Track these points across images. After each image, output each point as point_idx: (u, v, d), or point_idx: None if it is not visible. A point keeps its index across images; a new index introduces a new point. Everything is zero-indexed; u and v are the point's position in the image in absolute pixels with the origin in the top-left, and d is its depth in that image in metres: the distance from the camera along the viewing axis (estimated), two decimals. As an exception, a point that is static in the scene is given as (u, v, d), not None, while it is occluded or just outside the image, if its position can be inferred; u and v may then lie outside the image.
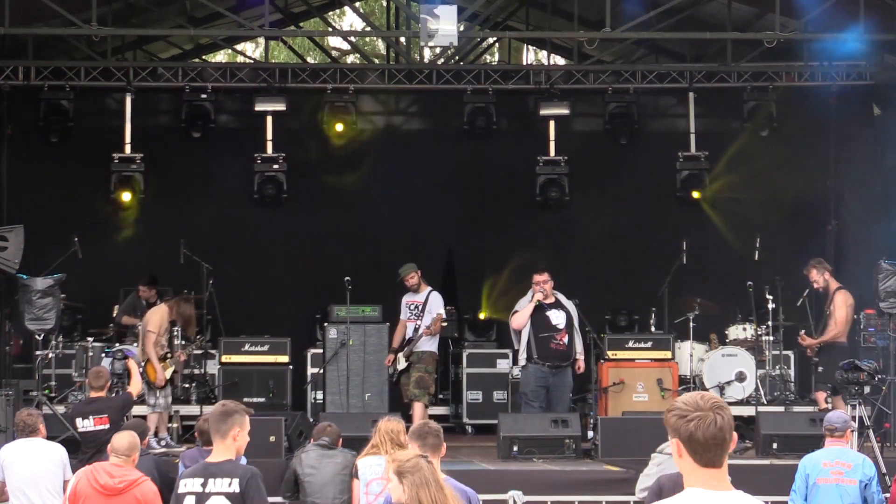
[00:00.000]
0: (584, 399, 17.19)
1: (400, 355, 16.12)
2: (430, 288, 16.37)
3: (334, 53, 27.44)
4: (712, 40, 18.98)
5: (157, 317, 15.99)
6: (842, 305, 15.99)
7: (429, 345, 16.11)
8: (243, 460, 10.97)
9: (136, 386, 13.80)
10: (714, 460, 4.18)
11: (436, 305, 16.19)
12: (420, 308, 16.16)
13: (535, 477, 13.26)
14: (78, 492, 8.42)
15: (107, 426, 12.49)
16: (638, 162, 19.94)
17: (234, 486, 6.80)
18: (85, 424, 12.55)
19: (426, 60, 19.85)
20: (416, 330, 16.08)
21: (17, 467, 10.22)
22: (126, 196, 18.75)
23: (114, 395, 13.75)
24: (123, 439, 8.83)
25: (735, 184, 19.73)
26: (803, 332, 16.61)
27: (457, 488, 7.22)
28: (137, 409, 15.74)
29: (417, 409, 15.70)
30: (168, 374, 15.82)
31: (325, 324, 16.93)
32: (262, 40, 24.68)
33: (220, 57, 25.06)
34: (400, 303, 16.52)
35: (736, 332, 18.24)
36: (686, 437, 4.16)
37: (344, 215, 20.01)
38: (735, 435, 4.27)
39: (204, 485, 6.83)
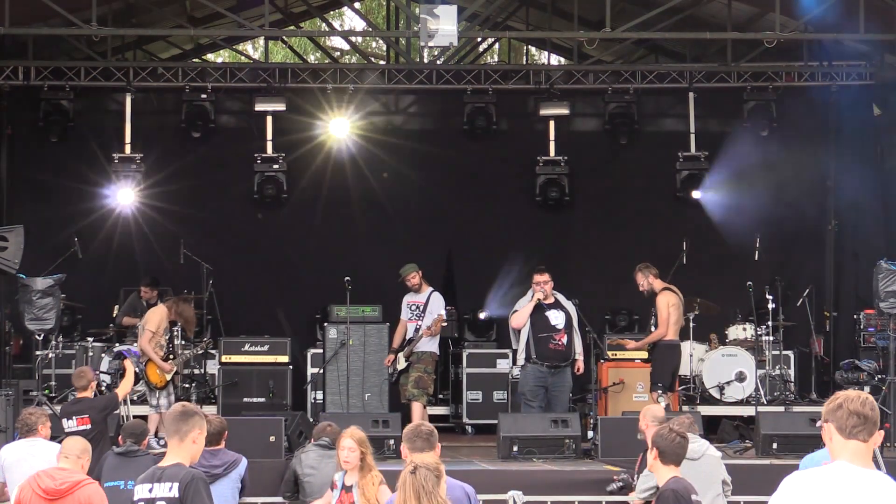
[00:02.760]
0: (584, 399, 17.19)
1: (400, 355, 16.12)
2: (431, 288, 16.37)
3: (334, 53, 27.44)
4: (712, 40, 18.99)
5: (157, 316, 15.98)
6: (664, 307, 15.89)
7: (429, 345, 16.11)
8: (244, 461, 11.01)
9: (124, 387, 13.76)
10: (858, 434, 4.78)
11: (437, 306, 16.19)
12: (421, 308, 16.17)
13: (535, 477, 13.25)
14: (21, 499, 8.25)
15: (88, 426, 12.47)
16: (638, 162, 19.94)
17: (174, 491, 6.57)
18: (69, 425, 12.55)
19: (426, 60, 19.85)
20: (416, 330, 16.08)
21: (18, 467, 10.21)
22: (126, 196, 18.75)
23: (100, 395, 13.75)
24: (76, 443, 8.64)
25: (735, 184, 19.72)
26: (626, 338, 16.58)
27: (454, 485, 7.22)
28: (138, 410, 15.78)
29: (416, 409, 15.69)
30: (169, 375, 15.81)
31: (325, 324, 16.93)
32: (261, 40, 24.68)
33: (221, 57, 25.06)
34: (400, 302, 16.52)
35: (736, 332, 18.24)
36: (833, 412, 4.82)
37: (344, 215, 20.01)
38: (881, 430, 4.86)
39: (151, 490, 6.64)
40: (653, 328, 16.29)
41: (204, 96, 19.21)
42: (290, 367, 17.06)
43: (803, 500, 4.70)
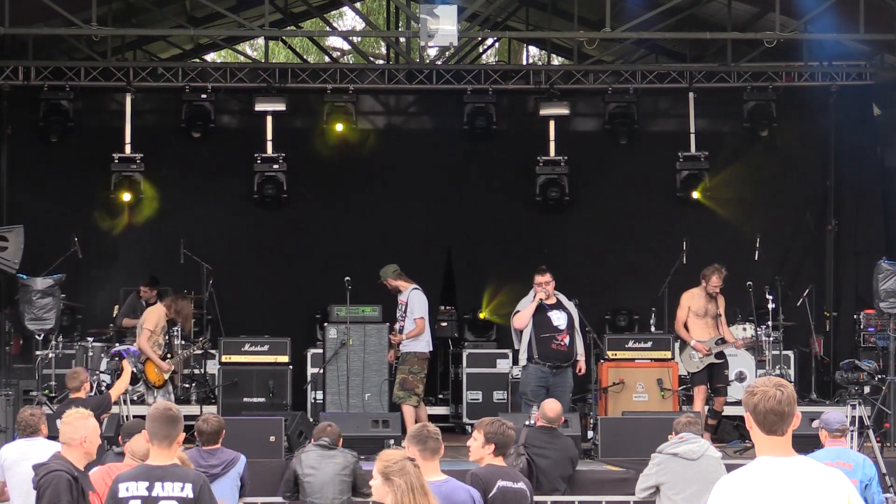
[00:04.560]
0: (584, 399, 17.18)
1: (391, 352, 16.19)
2: (412, 286, 16.29)
3: (334, 53, 27.44)
4: (712, 40, 18.99)
5: (155, 315, 16.00)
6: (723, 308, 16.12)
7: (412, 346, 16.03)
8: (243, 459, 11.01)
9: (118, 387, 13.74)
10: (776, 429, 4.92)
11: (414, 305, 16.12)
12: (403, 309, 16.16)
13: (535, 477, 13.23)
14: None
15: None
16: (638, 162, 19.93)
17: (188, 491, 6.41)
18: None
19: (426, 60, 19.85)
20: (401, 330, 16.09)
21: (19, 467, 10.19)
22: (126, 196, 18.75)
23: (99, 394, 13.74)
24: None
25: (735, 184, 19.73)
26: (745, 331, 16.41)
27: (459, 488, 7.20)
28: (138, 409, 15.76)
29: (404, 412, 15.63)
30: (167, 374, 15.82)
31: (325, 324, 16.92)
32: (260, 41, 24.69)
33: (221, 57, 25.06)
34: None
35: (736, 332, 18.21)
36: (752, 409, 4.94)
37: (344, 215, 20.01)
38: (798, 412, 5.01)
39: (150, 488, 6.43)
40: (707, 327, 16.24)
41: (204, 96, 19.22)
42: (290, 367, 17.05)
43: (737, 500, 4.88)
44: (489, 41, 24.23)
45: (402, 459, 5.70)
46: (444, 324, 19.12)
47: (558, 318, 15.33)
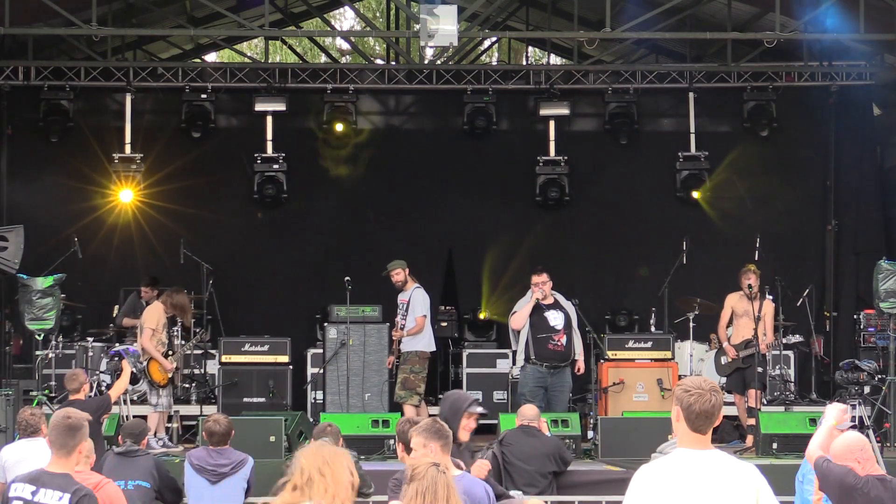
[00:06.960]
0: (584, 399, 17.18)
1: (391, 356, 16.16)
2: (415, 285, 16.24)
3: (334, 53, 27.43)
4: (712, 40, 19.00)
5: (155, 314, 15.97)
6: (771, 311, 16.02)
7: (413, 344, 15.97)
8: (251, 461, 11.00)
9: (118, 388, 13.73)
10: (701, 429, 5.27)
11: (416, 304, 16.05)
12: (405, 307, 16.11)
13: (535, 477, 13.22)
14: None
15: None
16: (638, 162, 19.94)
17: (64, 502, 6.46)
18: None
19: (426, 60, 19.84)
20: (401, 329, 16.06)
21: (19, 468, 10.19)
22: (126, 196, 18.75)
23: (99, 395, 13.72)
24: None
25: (735, 184, 19.73)
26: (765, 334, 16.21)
27: (475, 483, 7.19)
28: (138, 409, 15.78)
29: (407, 411, 15.61)
30: (170, 373, 15.81)
31: (325, 324, 16.92)
32: (261, 41, 24.68)
33: (221, 57, 25.06)
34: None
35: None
36: (685, 407, 5.26)
37: (344, 215, 20.01)
38: (720, 415, 5.36)
39: (34, 493, 6.49)
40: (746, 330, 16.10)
41: (204, 96, 19.24)
42: (290, 367, 17.06)
43: (656, 489, 5.22)
44: (489, 41, 24.23)
45: (426, 465, 5.72)
46: (445, 324, 19.12)
47: (555, 319, 15.33)
